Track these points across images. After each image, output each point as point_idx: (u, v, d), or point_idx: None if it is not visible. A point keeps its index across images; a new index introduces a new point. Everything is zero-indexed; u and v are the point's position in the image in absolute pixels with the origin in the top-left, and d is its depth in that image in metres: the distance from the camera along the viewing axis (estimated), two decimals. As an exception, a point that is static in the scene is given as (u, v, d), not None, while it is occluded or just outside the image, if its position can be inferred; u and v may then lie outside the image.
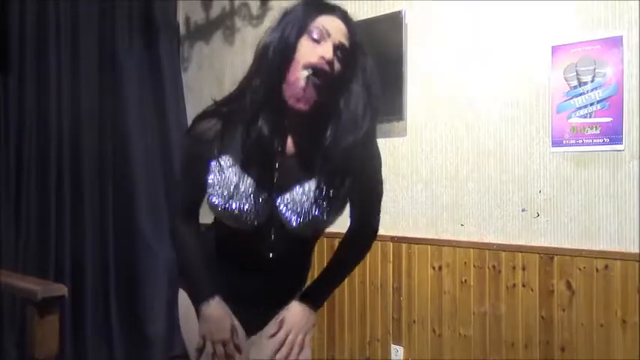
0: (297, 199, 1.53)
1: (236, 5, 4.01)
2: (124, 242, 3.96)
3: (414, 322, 3.12)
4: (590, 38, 2.58)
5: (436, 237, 3.07)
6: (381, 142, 3.16)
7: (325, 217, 1.55)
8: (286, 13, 1.53)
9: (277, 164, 1.55)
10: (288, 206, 1.54)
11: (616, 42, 2.52)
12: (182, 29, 4.42)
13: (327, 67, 1.45)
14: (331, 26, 1.48)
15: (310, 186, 1.54)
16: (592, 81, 2.58)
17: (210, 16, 4.21)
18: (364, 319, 3.33)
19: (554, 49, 2.68)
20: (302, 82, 1.45)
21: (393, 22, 3.14)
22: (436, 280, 3.05)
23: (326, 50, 1.45)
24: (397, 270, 3.20)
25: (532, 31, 2.75)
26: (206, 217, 1.69)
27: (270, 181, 1.55)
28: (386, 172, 3.18)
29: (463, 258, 2.95)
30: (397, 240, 3.20)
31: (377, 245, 3.27)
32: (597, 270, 2.55)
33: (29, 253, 3.55)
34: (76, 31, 3.81)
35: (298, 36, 1.47)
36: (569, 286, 2.63)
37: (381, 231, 3.19)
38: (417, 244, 3.13)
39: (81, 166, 3.80)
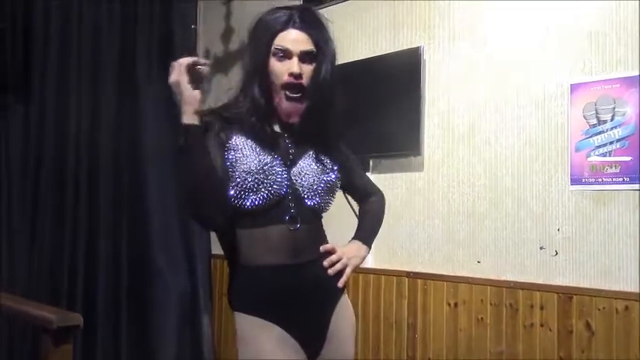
0: (307, 169, 1.71)
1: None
2: (136, 271, 3.95)
3: None
4: (609, 77, 2.58)
5: (452, 273, 3.04)
6: (398, 177, 3.23)
7: (333, 178, 1.74)
8: (250, 34, 1.72)
9: (289, 143, 1.72)
10: (301, 177, 1.70)
11: (635, 81, 2.51)
12: (201, 61, 4.47)
13: (296, 81, 1.64)
14: (290, 41, 1.65)
15: (313, 155, 1.74)
16: (611, 119, 2.57)
17: (229, 48, 4.26)
18: (378, 356, 3.28)
19: (573, 88, 2.68)
20: (284, 102, 1.67)
21: (412, 58, 3.16)
22: (452, 318, 3.01)
23: (292, 65, 1.64)
24: (412, 306, 3.16)
25: (551, 69, 2.76)
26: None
27: (285, 156, 1.70)
28: (402, 207, 3.23)
29: (480, 295, 2.92)
30: (413, 276, 3.17)
31: (392, 280, 3.25)
32: (617, 311, 2.51)
33: (42, 281, 3.55)
34: (97, 59, 3.88)
35: (266, 61, 1.65)
36: (588, 326, 2.58)
37: (397, 266, 3.24)
38: (432, 280, 3.09)
39: (97, 194, 3.82)
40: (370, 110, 3.27)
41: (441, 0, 3.15)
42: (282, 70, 1.64)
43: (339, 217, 1.85)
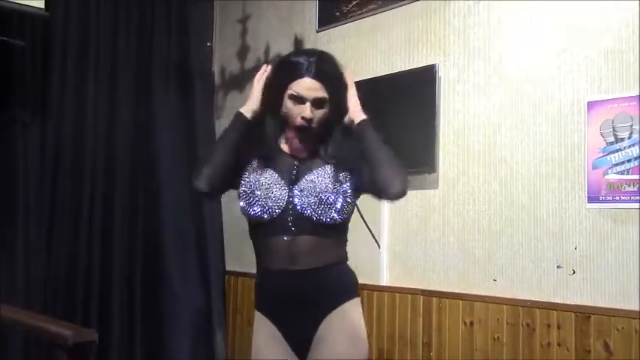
0: (307, 187, 1.90)
1: (270, 56, 4.08)
2: (151, 287, 3.97)
3: (444, 379, 3.04)
4: (627, 95, 2.57)
5: (467, 292, 3.01)
6: (413, 194, 3.22)
7: (332, 198, 1.89)
8: (273, 72, 1.97)
9: (293, 162, 1.97)
10: (304, 193, 1.89)
11: (653, 99, 2.50)
12: (217, 79, 4.50)
13: (307, 124, 1.89)
14: (304, 89, 1.87)
15: (317, 175, 1.93)
16: (629, 137, 2.55)
17: (245, 66, 4.28)
18: (392, 375, 3.26)
19: (590, 105, 2.66)
20: (295, 141, 1.95)
21: (427, 76, 3.16)
22: (467, 337, 2.98)
23: (305, 110, 1.88)
24: (427, 325, 3.14)
25: (568, 86, 2.75)
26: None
27: (288, 177, 1.94)
28: (417, 224, 3.20)
29: (496, 314, 2.89)
30: (427, 294, 3.15)
31: (407, 299, 3.22)
32: (636, 331, 2.47)
33: (58, 298, 3.57)
34: (114, 77, 3.91)
35: (280, 102, 1.91)
36: (606, 347, 2.54)
37: (411, 284, 3.21)
38: (447, 298, 3.07)
39: (112, 211, 3.84)
40: (385, 127, 3.23)
41: (456, 18, 3.16)
42: (296, 112, 1.89)
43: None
